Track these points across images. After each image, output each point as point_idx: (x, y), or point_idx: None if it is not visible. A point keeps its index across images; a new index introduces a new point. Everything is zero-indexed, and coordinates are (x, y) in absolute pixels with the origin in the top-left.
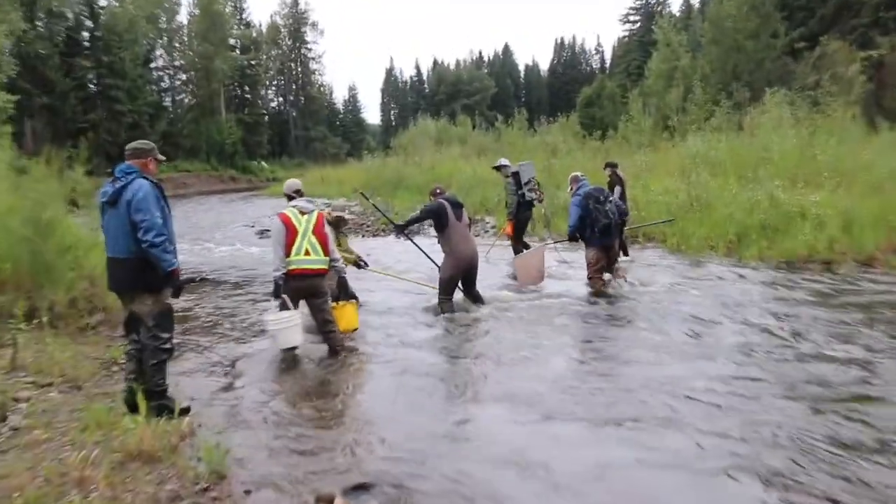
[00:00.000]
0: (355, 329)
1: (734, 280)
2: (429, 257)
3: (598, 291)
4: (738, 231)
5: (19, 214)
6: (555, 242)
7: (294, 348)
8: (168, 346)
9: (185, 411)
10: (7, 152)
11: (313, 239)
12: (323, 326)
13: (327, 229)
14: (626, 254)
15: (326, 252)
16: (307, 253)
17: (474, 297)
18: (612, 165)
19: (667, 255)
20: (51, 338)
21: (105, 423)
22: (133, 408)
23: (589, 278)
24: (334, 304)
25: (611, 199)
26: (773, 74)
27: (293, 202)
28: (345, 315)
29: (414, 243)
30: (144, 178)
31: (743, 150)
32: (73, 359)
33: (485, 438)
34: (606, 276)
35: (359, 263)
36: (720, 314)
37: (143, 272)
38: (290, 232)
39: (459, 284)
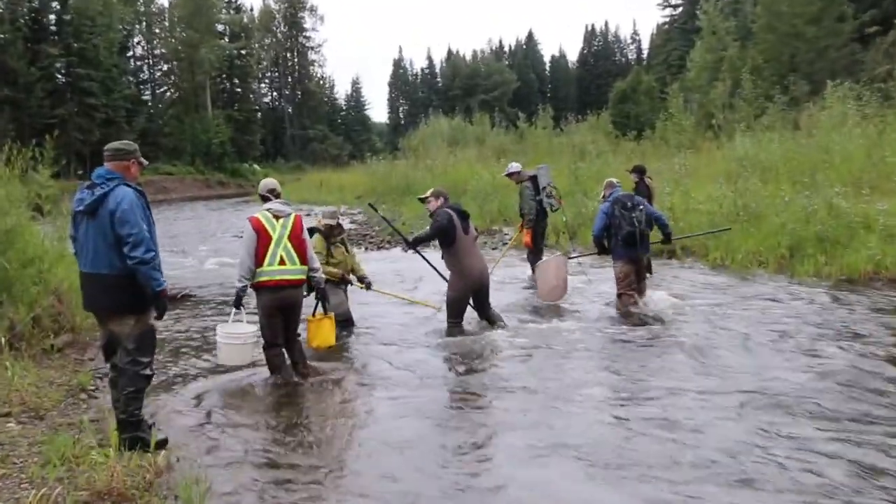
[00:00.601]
0: (331, 346)
1: (788, 300)
2: (439, 273)
3: (627, 311)
4: (792, 244)
5: None
6: (580, 255)
7: (287, 374)
8: (148, 371)
9: (162, 444)
10: None
11: (289, 246)
12: (287, 339)
13: (305, 235)
14: (649, 271)
15: (304, 261)
16: (282, 262)
17: (491, 319)
18: (639, 171)
19: (707, 271)
20: (10, 361)
21: (70, 457)
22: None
23: (618, 295)
24: (310, 317)
25: (640, 206)
26: (838, 64)
27: (267, 204)
28: (321, 330)
29: (423, 257)
30: (128, 185)
31: (799, 152)
32: (35, 385)
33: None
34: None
35: (348, 280)
36: (777, 341)
37: (126, 291)
38: (263, 238)
39: (472, 305)
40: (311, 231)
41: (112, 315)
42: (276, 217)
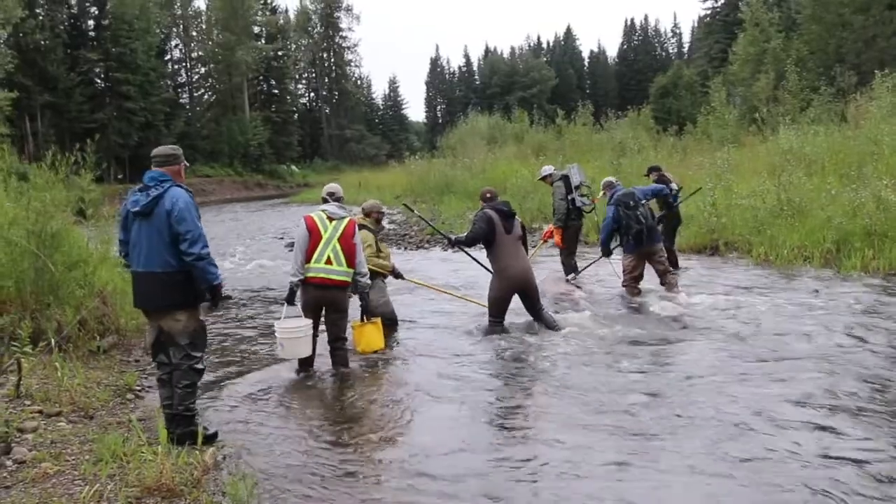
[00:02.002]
0: (378, 349)
1: (835, 295)
2: (484, 266)
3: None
4: (838, 238)
5: (22, 226)
6: (580, 271)
7: (308, 365)
8: (200, 366)
9: (212, 438)
10: (7, 157)
11: (338, 247)
12: (332, 342)
13: (357, 240)
14: (675, 266)
15: (351, 264)
16: (328, 262)
17: (544, 321)
18: (654, 169)
19: (751, 266)
20: (59, 362)
21: (120, 454)
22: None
23: (623, 285)
24: (355, 322)
25: (643, 203)
26: (888, 54)
27: (324, 206)
28: (364, 335)
29: (468, 254)
30: (179, 186)
31: (845, 145)
32: (83, 385)
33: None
34: (640, 285)
35: (399, 274)
36: (821, 336)
37: (178, 287)
38: (314, 236)
39: (522, 307)
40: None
41: (165, 312)
42: (330, 219)
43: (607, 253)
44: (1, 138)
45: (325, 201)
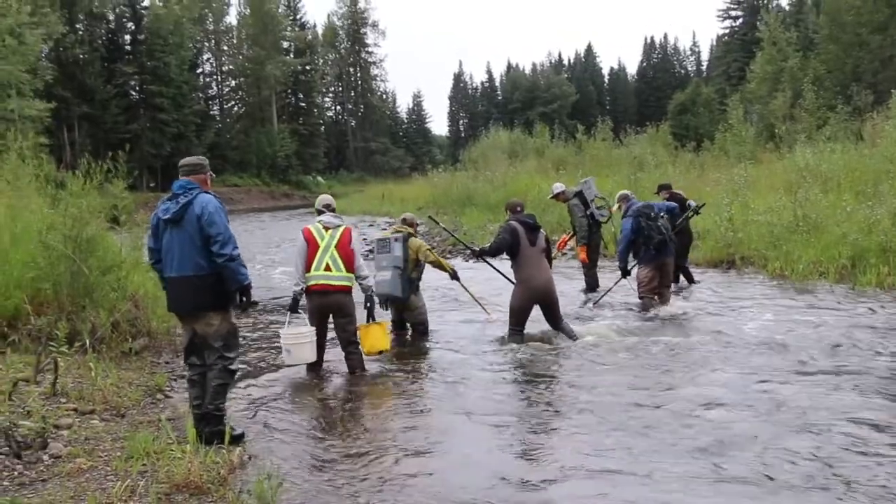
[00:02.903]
0: (383, 350)
1: (851, 312)
2: (506, 277)
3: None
4: (853, 254)
5: (59, 231)
6: (599, 298)
7: (318, 365)
8: (234, 367)
9: (239, 438)
10: (45, 165)
11: (335, 254)
12: (345, 346)
13: (355, 246)
14: (690, 280)
15: (350, 268)
16: (327, 268)
17: (564, 331)
18: (665, 187)
19: (766, 281)
20: (93, 363)
21: (150, 452)
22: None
23: (640, 297)
24: (361, 324)
25: (662, 214)
26: None
27: (319, 217)
28: (369, 336)
29: (490, 264)
30: (207, 192)
31: (861, 163)
32: (116, 385)
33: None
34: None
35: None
36: (844, 353)
37: (211, 290)
38: (311, 246)
39: (543, 318)
40: (409, 237)
41: (198, 314)
42: (326, 228)
43: (625, 270)
44: (40, 148)
45: (319, 213)
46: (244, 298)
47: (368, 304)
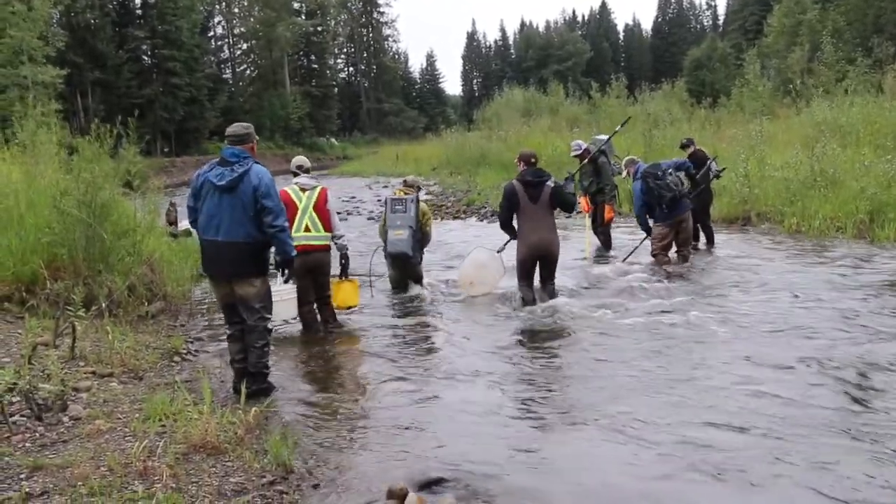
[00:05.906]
0: (352, 306)
1: (873, 267)
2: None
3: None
4: (872, 209)
5: (73, 196)
6: (627, 256)
7: (312, 328)
8: (270, 325)
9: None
10: (59, 131)
11: (314, 215)
12: (318, 299)
13: (330, 206)
14: (710, 241)
15: (328, 228)
16: (307, 229)
17: (545, 290)
18: (688, 142)
19: (784, 238)
20: (110, 326)
21: (167, 413)
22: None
23: (653, 255)
24: (334, 280)
25: (670, 171)
26: None
27: (296, 179)
28: (341, 291)
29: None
30: (258, 163)
31: (881, 116)
32: (133, 348)
33: (570, 462)
34: (673, 255)
35: None
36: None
37: (257, 256)
38: (290, 208)
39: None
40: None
41: (244, 278)
42: (303, 190)
43: (647, 229)
44: (53, 114)
45: (294, 174)
46: (286, 270)
47: (343, 262)
